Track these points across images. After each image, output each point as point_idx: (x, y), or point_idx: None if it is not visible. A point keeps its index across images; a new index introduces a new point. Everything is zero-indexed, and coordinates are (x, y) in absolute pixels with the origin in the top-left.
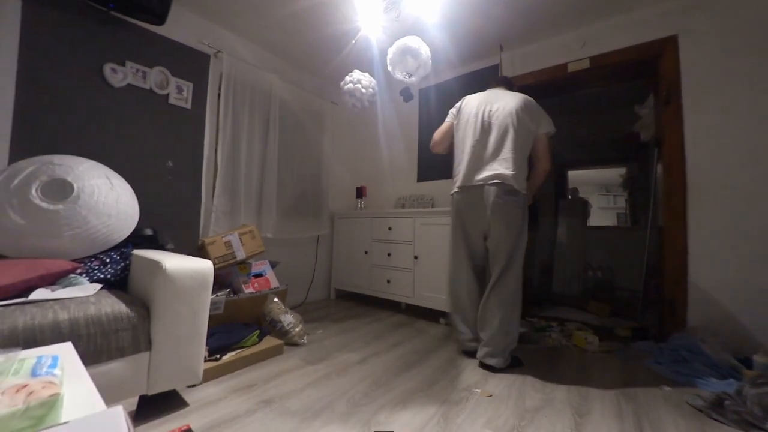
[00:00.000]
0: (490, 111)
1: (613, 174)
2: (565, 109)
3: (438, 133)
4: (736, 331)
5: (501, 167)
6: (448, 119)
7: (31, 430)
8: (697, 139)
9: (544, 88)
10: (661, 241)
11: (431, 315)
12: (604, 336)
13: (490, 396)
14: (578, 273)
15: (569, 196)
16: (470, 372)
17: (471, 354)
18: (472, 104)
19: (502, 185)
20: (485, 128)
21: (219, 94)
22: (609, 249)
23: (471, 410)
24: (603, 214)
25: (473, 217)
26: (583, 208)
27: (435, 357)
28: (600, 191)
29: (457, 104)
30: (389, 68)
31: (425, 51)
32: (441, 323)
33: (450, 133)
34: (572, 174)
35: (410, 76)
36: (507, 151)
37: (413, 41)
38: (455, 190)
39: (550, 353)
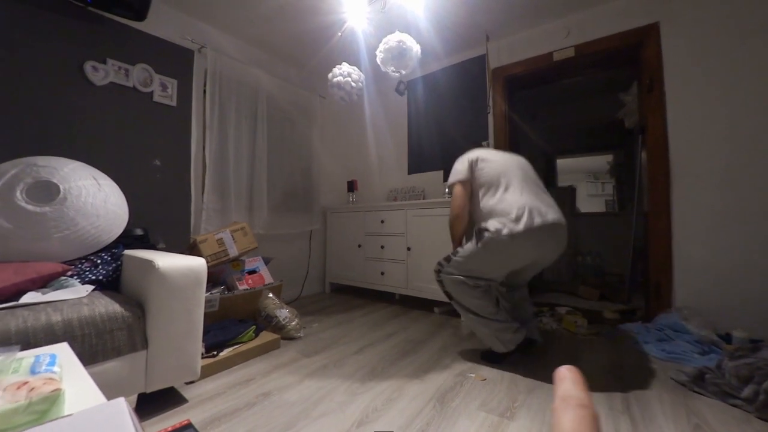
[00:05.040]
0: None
1: (601, 161)
2: (552, 98)
3: (460, 199)
4: (718, 309)
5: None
6: (460, 177)
7: (35, 424)
8: (679, 126)
9: (532, 78)
10: (647, 226)
11: (425, 304)
12: (593, 319)
13: (484, 380)
14: (569, 259)
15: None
16: (465, 358)
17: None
18: (485, 150)
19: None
20: (522, 166)
21: (204, 91)
22: (598, 235)
23: (466, 394)
24: (592, 200)
25: (543, 252)
26: (571, 195)
27: (429, 345)
28: (588, 179)
29: (465, 159)
30: (379, 64)
31: (415, 47)
32: (435, 312)
33: (469, 194)
34: (561, 162)
35: (400, 71)
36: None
37: (403, 39)
38: (517, 230)
39: (542, 337)
